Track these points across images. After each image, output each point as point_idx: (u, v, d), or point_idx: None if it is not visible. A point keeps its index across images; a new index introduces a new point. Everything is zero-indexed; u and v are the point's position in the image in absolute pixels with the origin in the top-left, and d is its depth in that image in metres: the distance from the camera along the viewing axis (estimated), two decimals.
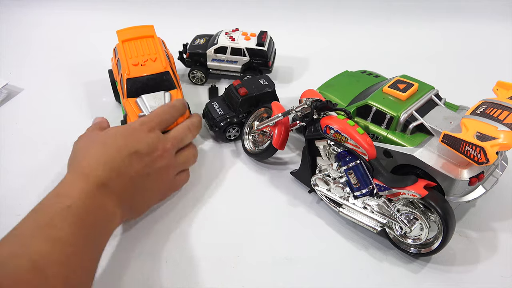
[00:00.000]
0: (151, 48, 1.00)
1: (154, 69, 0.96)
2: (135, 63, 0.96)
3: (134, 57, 0.98)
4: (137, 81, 0.94)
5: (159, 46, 1.00)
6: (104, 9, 1.47)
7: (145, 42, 1.01)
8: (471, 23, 1.43)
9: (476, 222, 0.82)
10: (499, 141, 0.65)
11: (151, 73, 0.95)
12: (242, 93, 0.96)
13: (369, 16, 1.47)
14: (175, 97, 0.94)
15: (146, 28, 1.05)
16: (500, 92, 0.76)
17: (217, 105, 1.01)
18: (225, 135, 0.98)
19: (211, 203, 0.85)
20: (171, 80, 0.96)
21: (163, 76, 0.96)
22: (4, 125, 1.02)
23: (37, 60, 1.28)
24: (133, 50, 0.99)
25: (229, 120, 0.97)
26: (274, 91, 1.00)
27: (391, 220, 0.73)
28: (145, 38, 1.02)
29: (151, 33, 1.03)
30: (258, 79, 1.02)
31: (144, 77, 0.95)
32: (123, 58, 0.97)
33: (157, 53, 0.98)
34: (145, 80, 0.95)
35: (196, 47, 1.15)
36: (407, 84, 0.85)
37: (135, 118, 0.89)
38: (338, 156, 0.76)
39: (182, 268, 0.74)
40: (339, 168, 0.76)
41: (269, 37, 1.16)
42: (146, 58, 0.97)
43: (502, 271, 0.74)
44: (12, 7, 1.48)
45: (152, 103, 0.91)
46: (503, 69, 1.23)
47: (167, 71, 0.96)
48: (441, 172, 0.73)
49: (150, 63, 0.97)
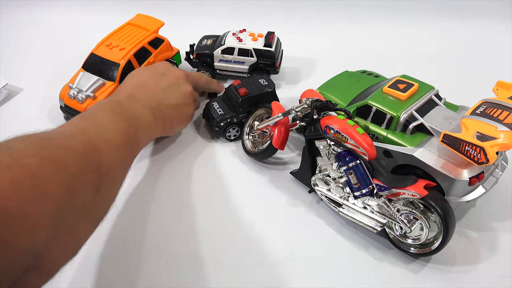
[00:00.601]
0: (134, 38, 1.04)
1: (112, 56, 1.01)
2: (108, 44, 1.03)
3: (115, 39, 1.04)
4: (95, 58, 1.02)
5: (143, 42, 1.04)
6: (104, 9, 1.47)
7: (137, 32, 1.06)
8: (471, 23, 1.43)
9: (476, 222, 0.82)
10: (499, 141, 0.65)
11: (106, 58, 1.01)
12: (242, 93, 0.96)
13: (369, 16, 1.46)
14: (106, 88, 0.98)
15: (155, 22, 1.10)
16: (500, 92, 0.76)
17: (217, 105, 1.01)
18: (225, 135, 0.98)
19: (211, 203, 0.85)
20: (115, 73, 0.99)
21: (112, 65, 0.99)
22: (4, 125, 1.02)
23: (37, 60, 1.28)
24: (123, 34, 1.06)
25: (229, 120, 0.97)
26: (274, 91, 1.00)
27: (391, 220, 0.73)
28: (143, 29, 1.07)
29: (153, 28, 1.07)
30: (258, 79, 1.02)
31: (100, 58, 1.01)
32: (108, 35, 1.06)
33: (130, 45, 1.02)
34: (99, 61, 1.01)
35: (203, 48, 1.15)
36: (407, 84, 0.85)
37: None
38: (338, 156, 0.76)
39: (182, 268, 0.74)
40: (339, 168, 0.76)
41: (277, 37, 1.16)
42: (118, 44, 1.03)
43: (502, 271, 0.74)
44: (12, 7, 1.48)
45: (82, 82, 0.98)
46: (503, 69, 1.23)
47: (118, 63, 0.99)
48: (441, 172, 0.73)
49: (116, 50, 1.02)
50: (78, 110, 0.96)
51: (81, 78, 0.99)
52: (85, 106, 0.96)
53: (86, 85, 0.97)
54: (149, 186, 0.89)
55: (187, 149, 0.98)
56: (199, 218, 0.82)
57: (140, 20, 1.11)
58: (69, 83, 0.99)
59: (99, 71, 1.00)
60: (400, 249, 0.75)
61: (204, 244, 0.78)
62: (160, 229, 0.80)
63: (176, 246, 0.77)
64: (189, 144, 0.99)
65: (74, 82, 0.98)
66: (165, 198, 0.86)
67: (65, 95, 0.98)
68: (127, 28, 1.08)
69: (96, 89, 0.97)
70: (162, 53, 1.09)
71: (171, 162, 0.95)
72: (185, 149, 0.98)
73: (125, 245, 0.78)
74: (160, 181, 0.90)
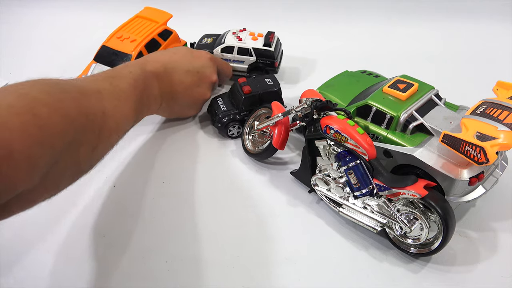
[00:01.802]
0: (144, 30, 1.07)
1: (123, 47, 1.03)
2: (119, 36, 1.05)
3: (125, 32, 1.06)
4: (107, 50, 1.04)
5: (153, 33, 1.06)
6: (104, 9, 1.47)
7: (147, 24, 1.09)
8: (471, 23, 1.43)
9: (476, 222, 0.82)
10: (499, 141, 0.65)
11: (118, 49, 1.03)
12: (246, 91, 0.97)
13: (369, 16, 1.46)
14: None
15: (163, 15, 1.13)
16: (500, 92, 0.76)
17: (222, 101, 1.02)
18: (227, 131, 0.99)
19: (211, 203, 0.85)
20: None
21: (124, 57, 1.02)
22: None
23: (37, 60, 1.28)
24: (133, 26, 1.08)
25: (231, 116, 0.98)
26: (278, 91, 1.00)
27: (391, 220, 0.73)
28: (152, 22, 1.09)
29: (162, 20, 1.10)
30: (264, 78, 1.02)
31: (112, 50, 1.03)
32: (119, 27, 1.09)
33: (141, 37, 1.04)
34: (111, 52, 1.04)
35: (203, 46, 1.16)
36: (407, 84, 0.84)
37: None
38: (338, 156, 0.76)
39: (182, 268, 0.74)
40: (339, 168, 0.76)
41: (276, 37, 1.17)
42: (128, 36, 1.05)
43: (502, 271, 0.73)
44: (12, 7, 1.48)
45: (95, 72, 0.98)
46: (503, 69, 1.23)
47: (130, 54, 1.01)
48: (441, 172, 0.73)
49: (127, 41, 1.04)
50: None
51: (94, 69, 1.01)
52: None
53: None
54: (148, 186, 0.89)
55: (187, 149, 0.98)
56: (199, 218, 0.82)
57: (149, 13, 1.13)
58: (82, 75, 1.00)
59: (111, 63, 1.02)
60: (400, 249, 0.75)
61: (204, 244, 0.78)
62: (160, 229, 0.80)
63: (176, 246, 0.77)
64: (189, 144, 0.99)
65: (87, 74, 1.00)
66: (164, 198, 0.86)
67: None
68: (137, 20, 1.11)
69: None
70: (171, 44, 1.12)
71: (171, 162, 0.95)
72: (185, 149, 0.98)
73: (125, 245, 0.78)
74: (159, 181, 0.90)
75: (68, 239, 0.79)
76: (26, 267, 0.74)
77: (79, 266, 0.74)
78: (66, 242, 0.78)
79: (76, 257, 0.76)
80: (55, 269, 0.74)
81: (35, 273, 0.73)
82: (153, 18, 1.11)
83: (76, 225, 0.81)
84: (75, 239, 0.79)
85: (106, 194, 0.87)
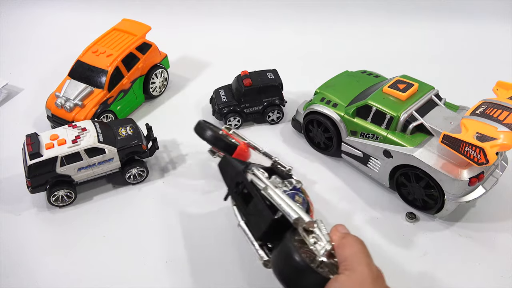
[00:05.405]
0: (121, 44, 1.01)
1: (99, 62, 0.98)
2: (94, 50, 1.00)
3: (101, 46, 1.01)
4: (82, 65, 0.98)
5: (130, 47, 1.00)
6: (104, 9, 1.46)
7: (124, 37, 1.03)
8: (471, 23, 1.43)
9: (476, 222, 0.82)
10: (499, 141, 0.65)
11: (93, 65, 0.98)
12: (246, 83, 0.98)
13: (369, 16, 1.46)
14: (95, 95, 0.95)
15: (141, 27, 1.07)
16: (500, 92, 0.76)
17: (223, 92, 1.03)
18: (225, 122, 1.01)
19: (210, 204, 0.85)
20: (103, 80, 0.96)
21: (100, 72, 0.97)
22: (4, 125, 1.02)
23: (37, 60, 1.28)
24: (109, 40, 1.03)
25: (231, 108, 1.00)
26: (278, 86, 1.01)
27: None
28: (130, 35, 1.04)
29: (139, 33, 1.04)
30: (266, 72, 1.03)
31: (87, 65, 0.98)
32: (94, 41, 1.02)
33: (117, 51, 0.99)
34: (86, 68, 0.98)
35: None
36: (407, 84, 0.84)
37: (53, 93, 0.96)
38: None
39: (182, 268, 0.74)
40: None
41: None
42: (104, 50, 1.00)
43: (502, 271, 0.74)
44: (12, 7, 1.48)
45: (69, 90, 0.95)
46: (503, 69, 1.23)
47: (106, 70, 0.96)
48: (441, 172, 0.73)
49: (103, 56, 0.99)
50: (66, 119, 0.93)
51: (68, 86, 0.95)
52: (74, 115, 0.92)
53: (73, 93, 0.94)
54: (148, 185, 0.89)
55: (187, 149, 0.98)
56: (199, 218, 0.82)
57: (126, 25, 1.07)
58: (56, 92, 0.96)
59: (87, 79, 0.97)
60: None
61: (204, 244, 0.78)
62: (160, 229, 0.80)
63: (176, 246, 0.77)
64: (189, 144, 0.99)
65: (61, 91, 0.95)
66: (164, 198, 0.86)
67: (52, 104, 0.94)
68: (113, 33, 1.05)
69: (84, 97, 0.94)
70: (150, 58, 1.06)
71: (171, 162, 0.95)
72: (185, 150, 0.98)
73: (125, 245, 0.78)
74: (159, 181, 0.90)
75: (68, 239, 0.79)
76: (26, 267, 0.74)
77: (78, 267, 0.74)
78: (66, 242, 0.79)
79: (76, 257, 0.76)
80: (55, 269, 0.74)
81: (35, 273, 0.73)
82: (131, 31, 1.04)
83: (76, 225, 0.81)
84: (75, 239, 0.79)
85: (106, 194, 0.87)
